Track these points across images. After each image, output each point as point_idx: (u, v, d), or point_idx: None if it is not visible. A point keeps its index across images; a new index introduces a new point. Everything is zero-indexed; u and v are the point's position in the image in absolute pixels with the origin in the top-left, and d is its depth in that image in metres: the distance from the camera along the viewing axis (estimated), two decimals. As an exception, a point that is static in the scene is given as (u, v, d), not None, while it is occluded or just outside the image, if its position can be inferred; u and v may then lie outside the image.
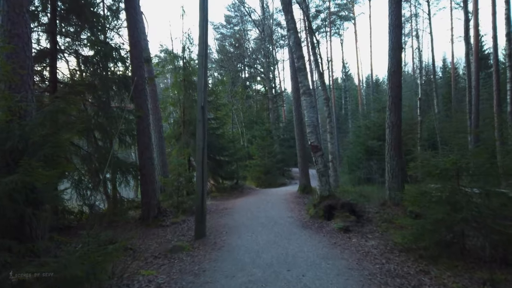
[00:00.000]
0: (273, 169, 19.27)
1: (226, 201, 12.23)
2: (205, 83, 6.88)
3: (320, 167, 8.38)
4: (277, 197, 12.04)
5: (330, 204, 8.05)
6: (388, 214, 7.66)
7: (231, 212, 9.42)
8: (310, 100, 8.50)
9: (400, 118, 8.21)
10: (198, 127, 6.80)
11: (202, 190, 6.69)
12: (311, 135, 8.44)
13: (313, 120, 8.47)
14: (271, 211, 9.22)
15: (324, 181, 8.37)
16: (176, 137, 14.81)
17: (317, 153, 8.41)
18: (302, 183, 12.88)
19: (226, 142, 15.86)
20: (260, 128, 19.58)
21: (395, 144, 8.10)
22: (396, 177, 8.05)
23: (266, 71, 23.76)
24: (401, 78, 8.29)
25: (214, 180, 15.84)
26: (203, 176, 6.71)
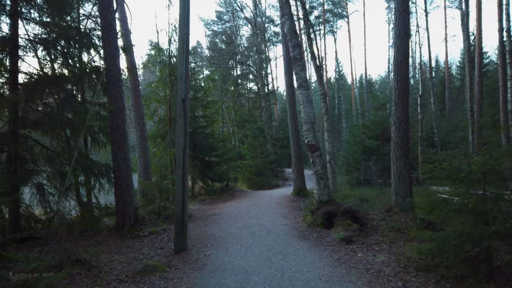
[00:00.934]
0: (266, 170, 18.35)
1: (214, 205, 11.27)
2: (187, 72, 5.92)
3: (318, 169, 7.47)
4: (270, 201, 11.12)
5: (330, 210, 7.15)
6: (396, 222, 6.78)
7: (219, 219, 8.47)
8: (307, 94, 7.59)
9: (407, 113, 7.35)
10: (178, 123, 5.83)
11: (183, 196, 5.73)
12: (308, 133, 7.53)
13: (311, 116, 7.56)
14: (263, 218, 8.28)
15: (323, 184, 7.47)
16: (162, 136, 13.80)
17: (315, 153, 7.51)
18: (297, 186, 11.98)
19: (215, 142, 14.88)
20: (252, 127, 18.65)
21: (402, 142, 7.23)
22: (403, 179, 7.18)
23: (258, 67, 22.83)
24: (408, 69, 7.43)
25: (203, 182, 14.86)
26: (184, 180, 5.75)
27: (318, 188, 7.51)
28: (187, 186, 5.83)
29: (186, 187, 5.83)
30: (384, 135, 14.60)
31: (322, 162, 7.51)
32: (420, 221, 6.50)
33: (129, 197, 7.13)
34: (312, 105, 7.66)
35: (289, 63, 12.26)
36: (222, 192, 14.65)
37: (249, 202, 11.33)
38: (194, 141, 13.77)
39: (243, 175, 17.56)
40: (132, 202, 7.17)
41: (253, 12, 24.08)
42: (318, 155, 7.51)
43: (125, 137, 7.13)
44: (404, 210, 7.08)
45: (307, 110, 7.56)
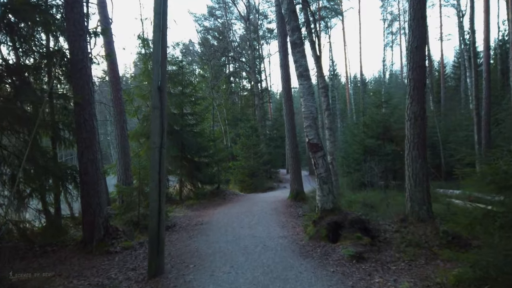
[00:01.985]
0: (259, 172, 17.29)
1: (203, 211, 10.16)
2: (164, 53, 4.83)
3: (321, 172, 6.44)
4: (264, 206, 10.05)
5: (335, 221, 6.12)
6: (413, 234, 5.77)
7: (207, 229, 7.37)
8: (308, 84, 6.55)
9: (424, 108, 6.35)
10: (153, 116, 4.74)
11: (159, 206, 4.63)
12: (309, 130, 6.49)
13: (312, 110, 6.52)
14: (257, 227, 7.22)
15: (327, 190, 6.43)
16: (147, 135, 12.63)
17: (318, 153, 6.47)
18: (294, 189, 10.94)
19: (205, 141, 13.77)
20: (245, 125, 17.58)
21: (418, 141, 6.22)
22: (420, 184, 6.18)
23: (251, 64, 21.75)
24: (425, 56, 6.44)
25: (192, 184, 13.75)
26: (160, 186, 4.65)
27: (321, 194, 6.46)
28: (164, 193, 4.75)
29: (163, 195, 4.73)
30: (386, 134, 13.65)
31: (326, 164, 6.48)
32: (444, 234, 5.50)
33: (98, 205, 5.99)
34: (313, 98, 6.62)
35: (285, 55, 11.24)
36: (212, 196, 13.56)
37: (241, 207, 10.25)
38: (182, 140, 12.67)
39: (235, 176, 16.48)
40: (102, 211, 6.04)
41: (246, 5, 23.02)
42: (321, 155, 6.47)
43: (94, 134, 6.00)
44: (422, 220, 6.07)
45: (308, 104, 6.52)
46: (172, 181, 14.29)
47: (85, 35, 6.01)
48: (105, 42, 10.34)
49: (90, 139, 5.93)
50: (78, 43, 5.86)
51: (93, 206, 5.94)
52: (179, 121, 12.73)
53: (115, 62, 10.48)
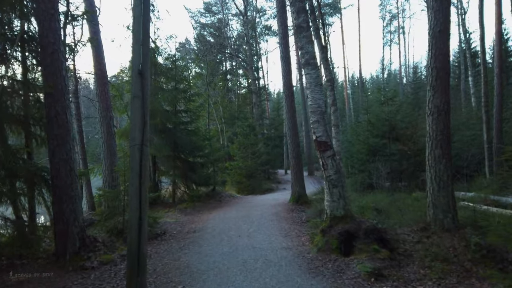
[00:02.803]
0: (257, 172, 16.47)
1: (197, 216, 9.33)
2: (147, 31, 3.99)
3: (331, 174, 5.63)
4: (264, 210, 9.24)
5: (347, 230, 5.32)
6: (439, 246, 4.99)
7: (200, 238, 6.54)
8: (315, 74, 5.74)
9: (448, 100, 5.58)
10: (133, 106, 3.90)
11: (139, 217, 3.79)
12: (317, 126, 5.68)
13: (320, 104, 5.72)
14: (257, 236, 6.40)
15: (337, 194, 5.63)
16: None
17: (326, 152, 5.66)
18: (296, 191, 10.13)
19: (200, 140, 12.93)
20: (242, 124, 16.75)
21: (442, 139, 5.44)
22: (444, 188, 5.40)
23: (249, 60, 20.92)
24: (449, 42, 5.66)
25: (186, 186, 12.90)
26: (141, 193, 3.81)
27: (330, 199, 5.66)
28: (146, 201, 3.92)
29: (145, 202, 3.90)
30: (391, 133, 12.89)
31: (336, 164, 5.67)
32: (476, 247, 4.72)
33: (73, 213, 5.16)
34: (321, 89, 5.82)
35: (286, 47, 10.44)
36: (208, 198, 12.72)
37: (239, 211, 9.43)
38: (175, 139, 11.83)
39: (232, 178, 15.65)
40: (77, 219, 5.20)
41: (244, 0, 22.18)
42: (331, 155, 5.67)
43: (67, 130, 5.15)
44: (447, 229, 5.29)
45: (316, 96, 5.71)
46: (164, 182, 13.45)
47: (57, 15, 5.17)
48: (90, 31, 9.52)
49: (62, 135, 5.09)
50: (48, 23, 5.02)
51: (66, 213, 5.11)
52: (172, 118, 11.89)
53: (102, 53, 9.62)
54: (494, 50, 12.70)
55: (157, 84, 11.93)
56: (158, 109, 11.30)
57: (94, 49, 9.47)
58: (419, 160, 13.24)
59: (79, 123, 10.38)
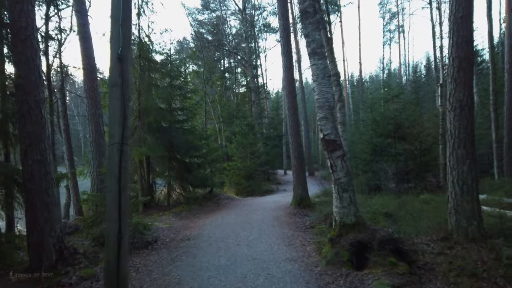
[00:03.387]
0: (257, 173, 15.86)
1: (193, 220, 8.72)
2: (127, 10, 3.38)
3: (340, 176, 5.03)
4: (264, 214, 8.63)
5: (360, 240, 4.72)
6: (465, 259, 4.39)
7: (195, 247, 5.92)
8: (323, 65, 5.14)
9: (472, 94, 4.99)
10: (111, 97, 3.29)
11: (119, 231, 3.18)
12: (325, 123, 5.08)
13: (328, 98, 5.11)
14: (258, 245, 5.79)
15: (347, 199, 5.02)
16: (130, 132, 11.14)
17: (335, 152, 5.06)
18: (298, 194, 9.53)
19: (197, 139, 12.32)
20: (241, 123, 16.14)
21: (465, 137, 4.85)
22: (469, 192, 4.80)
23: (247, 57, 20.31)
24: (473, 29, 5.07)
25: (182, 188, 12.28)
26: (121, 201, 3.20)
27: (339, 205, 5.05)
28: (127, 211, 3.30)
29: (126, 213, 3.28)
30: (397, 132, 12.31)
31: (346, 166, 5.07)
32: (509, 260, 4.13)
33: (49, 221, 4.54)
34: (330, 82, 5.22)
35: (287, 41, 9.84)
36: (205, 201, 12.10)
37: (237, 215, 8.81)
38: (170, 138, 11.21)
39: (230, 178, 15.03)
40: (53, 229, 4.58)
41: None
42: (340, 155, 5.06)
43: (42, 127, 4.53)
44: (472, 238, 4.69)
45: (324, 89, 5.11)
46: (159, 184, 12.82)
47: (30, -5, 4.53)
48: (79, 23, 8.91)
49: (36, 133, 4.47)
50: (20, 6, 4.40)
51: (40, 222, 4.48)
52: (167, 116, 11.27)
53: (90, 47, 9.01)
54: (504, 45, 12.13)
55: (151, 81, 11.29)
56: (152, 107, 10.68)
57: (82, 42, 8.86)
58: (425, 160, 12.69)
59: (65, 121, 9.73)
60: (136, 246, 6.10)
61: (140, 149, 9.84)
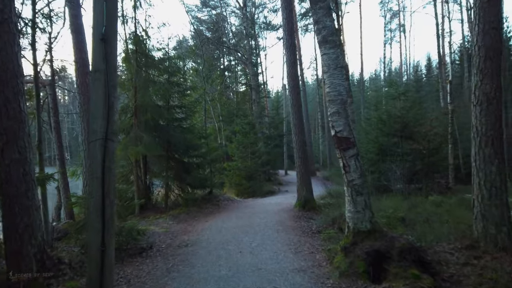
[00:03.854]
0: (258, 173, 15.36)
1: (191, 223, 8.22)
2: (113, -18, 2.88)
3: (354, 178, 4.54)
4: (267, 218, 8.14)
5: (377, 249, 4.22)
6: (495, 270, 3.90)
7: (193, 255, 5.43)
8: (334, 54, 4.65)
9: (500, 86, 4.50)
10: (93, 85, 2.80)
11: (102, 245, 2.68)
12: (336, 118, 4.59)
13: (341, 91, 4.63)
14: (262, 253, 5.29)
15: (362, 203, 4.53)
16: (127, 130, 10.66)
17: (348, 151, 4.57)
18: (302, 195, 9.05)
19: (196, 139, 11.83)
20: (241, 121, 15.65)
21: (493, 134, 4.37)
22: (497, 196, 4.32)
23: (248, 55, 19.82)
24: (501, 15, 4.60)
25: (180, 189, 11.80)
26: (105, 207, 2.70)
27: (353, 209, 4.56)
28: (113, 219, 2.81)
29: (111, 222, 2.78)
30: (404, 131, 11.80)
31: (360, 166, 4.59)
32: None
33: (29, 227, 4.04)
34: (342, 73, 4.73)
35: (290, 34, 9.35)
36: (204, 202, 11.61)
37: (239, 219, 8.33)
38: (168, 137, 10.73)
39: (230, 179, 14.53)
40: (33, 236, 4.08)
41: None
42: (354, 154, 4.58)
43: (20, 122, 4.03)
44: (503, 247, 4.21)
45: (335, 81, 4.62)
46: (156, 184, 12.33)
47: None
48: (71, 14, 8.42)
49: (14, 129, 3.97)
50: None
51: (19, 229, 3.99)
52: (164, 114, 10.77)
53: (83, 40, 8.50)
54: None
55: (148, 77, 10.81)
56: (148, 104, 10.18)
57: (74, 35, 8.36)
58: (433, 161, 12.20)
59: (56, 118, 9.22)
60: (130, 253, 5.61)
61: (136, 148, 9.34)
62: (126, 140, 9.98)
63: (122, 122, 10.53)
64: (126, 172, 11.17)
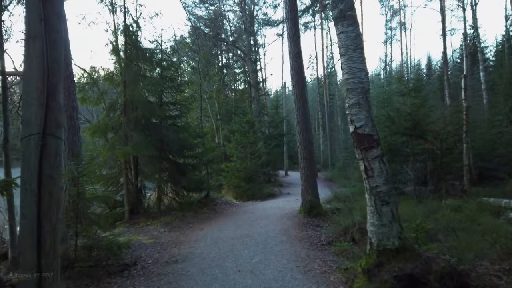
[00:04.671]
0: (258, 175, 14.52)
1: (184, 232, 7.39)
2: None
3: (379, 183, 3.71)
4: (269, 225, 7.31)
5: (409, 273, 3.39)
6: None
7: (182, 275, 4.58)
8: (354, 32, 3.81)
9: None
10: (27, 55, 1.95)
11: (38, 284, 1.84)
12: (357, 111, 3.76)
13: (362, 77, 3.79)
14: (264, 272, 4.45)
15: (388, 215, 3.70)
16: (115, 129, 9.80)
17: (371, 151, 3.74)
18: (307, 200, 8.21)
19: (191, 138, 10.99)
20: (240, 120, 14.81)
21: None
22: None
23: (247, 50, 18.97)
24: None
25: (174, 192, 10.96)
26: (41, 238, 1.86)
27: (377, 222, 3.72)
28: (56, 253, 1.97)
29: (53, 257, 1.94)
30: (415, 129, 10.98)
31: (386, 170, 3.75)
32: None
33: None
34: (363, 56, 3.89)
35: (295, 23, 8.49)
36: (200, 206, 10.79)
37: (237, 226, 7.49)
38: (161, 136, 9.90)
39: (229, 181, 13.69)
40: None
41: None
42: (378, 155, 3.74)
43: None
44: None
45: (355, 65, 3.79)
46: (149, 187, 11.49)
47: None
48: None
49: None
50: None
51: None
52: (156, 111, 9.92)
53: (65, 28, 7.62)
54: None
55: (139, 71, 9.96)
56: (139, 100, 9.34)
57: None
58: (446, 161, 11.38)
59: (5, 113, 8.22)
60: (109, 271, 4.77)
61: (124, 148, 8.50)
62: (114, 139, 9.14)
63: (111, 120, 9.68)
64: (115, 174, 10.32)
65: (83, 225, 5.04)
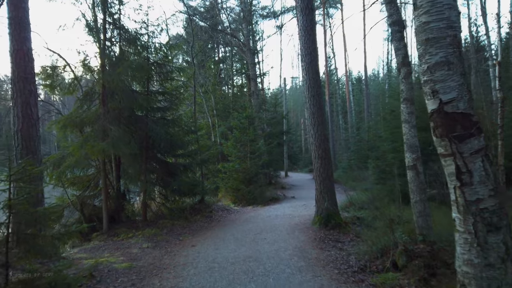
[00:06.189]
0: (258, 177, 12.99)
1: (171, 251, 5.85)
2: None
3: (482, 195, 2.22)
4: (279, 242, 5.78)
5: None
6: None
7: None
8: None
9: None
10: None
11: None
12: (444, 74, 2.27)
13: (451, 18, 2.30)
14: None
15: (498, 248, 2.20)
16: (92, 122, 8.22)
17: (470, 141, 2.24)
18: (323, 208, 6.70)
19: (183, 134, 9.45)
20: (239, 115, 13.28)
21: None
22: None
23: (246, 41, 17.44)
24: None
25: (163, 197, 9.44)
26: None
27: (480, 261, 2.22)
28: None
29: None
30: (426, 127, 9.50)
31: (491, 174, 2.23)
32: None
33: None
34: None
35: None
36: (193, 213, 9.33)
37: (238, 242, 5.96)
38: (146, 131, 8.39)
39: (226, 183, 12.12)
40: None
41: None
42: (480, 149, 2.25)
43: None
44: None
45: (439, 9, 2.27)
46: (135, 191, 9.93)
47: None
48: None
49: None
50: None
51: None
52: (142, 102, 8.39)
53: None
54: None
55: (121, 54, 8.42)
56: (120, 88, 7.79)
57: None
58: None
59: None
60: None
61: (98, 144, 6.95)
62: (89, 134, 7.57)
63: (85, 112, 8.12)
64: (93, 176, 8.77)
65: (20, 251, 3.51)
